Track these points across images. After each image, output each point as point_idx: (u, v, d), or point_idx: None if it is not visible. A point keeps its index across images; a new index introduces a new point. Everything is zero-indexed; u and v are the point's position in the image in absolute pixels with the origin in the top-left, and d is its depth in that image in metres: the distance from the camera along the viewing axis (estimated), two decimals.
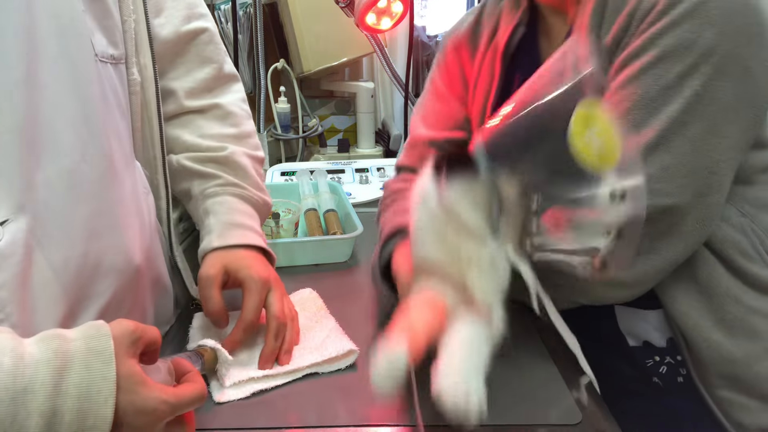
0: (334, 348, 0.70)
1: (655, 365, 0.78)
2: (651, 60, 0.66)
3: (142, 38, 0.73)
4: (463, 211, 0.60)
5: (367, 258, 1.05)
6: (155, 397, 0.47)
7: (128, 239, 0.66)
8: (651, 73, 0.66)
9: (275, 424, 0.61)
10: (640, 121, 0.67)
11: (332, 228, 1.08)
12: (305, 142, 1.94)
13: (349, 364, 0.70)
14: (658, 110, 0.66)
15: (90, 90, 0.62)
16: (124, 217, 0.66)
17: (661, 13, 0.66)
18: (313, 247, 1.03)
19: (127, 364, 0.46)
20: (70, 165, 0.59)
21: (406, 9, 1.64)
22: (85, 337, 0.45)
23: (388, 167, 1.55)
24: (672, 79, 0.65)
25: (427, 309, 0.61)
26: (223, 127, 0.85)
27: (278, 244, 1.01)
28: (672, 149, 0.65)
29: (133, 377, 0.46)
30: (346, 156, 1.82)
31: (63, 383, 0.42)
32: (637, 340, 0.79)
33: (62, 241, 0.57)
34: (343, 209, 1.16)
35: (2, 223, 0.52)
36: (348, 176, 1.53)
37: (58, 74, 0.58)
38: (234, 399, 0.63)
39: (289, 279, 0.97)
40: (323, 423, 0.61)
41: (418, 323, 0.59)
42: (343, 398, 0.65)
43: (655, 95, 0.66)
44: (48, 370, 0.42)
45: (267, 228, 1.05)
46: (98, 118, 0.63)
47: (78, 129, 0.60)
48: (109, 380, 0.44)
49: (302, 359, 0.69)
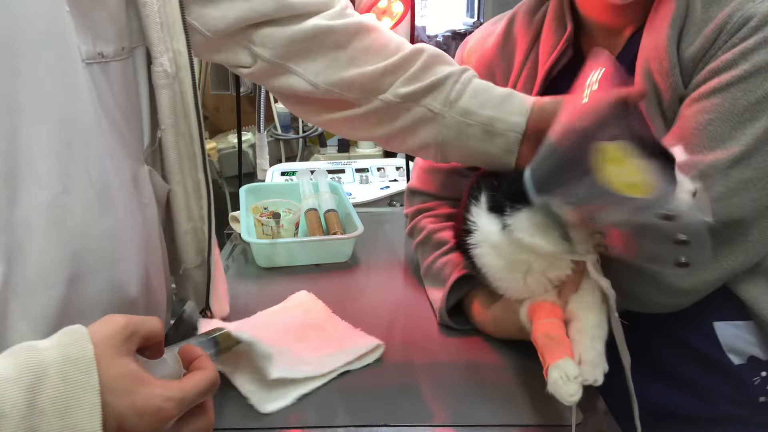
0: (361, 345, 0.72)
1: (762, 382, 0.76)
2: (741, 74, 0.66)
3: (173, 21, 0.63)
4: (537, 242, 0.63)
5: (368, 258, 1.06)
6: (158, 395, 0.43)
7: (122, 273, 0.58)
8: (740, 87, 0.67)
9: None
10: (723, 134, 0.67)
11: (333, 228, 1.08)
12: (305, 142, 1.94)
13: (376, 359, 0.72)
14: (744, 125, 0.66)
15: (76, 105, 0.53)
16: (116, 250, 0.58)
17: (754, 29, 0.66)
18: (314, 247, 1.03)
19: (119, 365, 0.42)
20: (49, 198, 0.50)
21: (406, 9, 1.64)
22: (60, 345, 0.41)
23: (388, 167, 1.55)
24: (761, 95, 0.66)
25: (548, 315, 0.65)
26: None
27: (278, 244, 1.01)
28: (752, 164, 0.66)
29: (130, 377, 0.42)
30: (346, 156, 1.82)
31: (38, 400, 0.38)
32: (742, 356, 0.76)
33: (40, 289, 0.50)
34: (344, 209, 1.16)
35: None
36: (348, 176, 1.53)
37: (38, 92, 0.50)
38: (281, 407, 0.63)
39: (289, 279, 0.97)
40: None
41: (555, 329, 0.63)
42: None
43: (742, 110, 0.66)
44: (18, 388, 0.38)
45: (267, 228, 1.05)
46: (84, 138, 0.54)
47: (60, 155, 0.51)
48: (91, 390, 0.40)
49: (334, 359, 0.69)
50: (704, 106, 0.68)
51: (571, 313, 0.65)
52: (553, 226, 0.62)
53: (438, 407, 0.65)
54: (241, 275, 0.99)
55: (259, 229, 1.06)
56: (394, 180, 1.51)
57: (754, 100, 0.66)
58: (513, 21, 0.91)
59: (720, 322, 0.76)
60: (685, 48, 0.71)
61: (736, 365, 0.76)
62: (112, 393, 0.41)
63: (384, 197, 1.44)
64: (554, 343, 0.61)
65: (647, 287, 0.71)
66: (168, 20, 0.62)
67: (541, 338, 0.63)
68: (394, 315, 0.84)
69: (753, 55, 0.66)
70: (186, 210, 0.70)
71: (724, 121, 0.67)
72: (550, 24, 0.85)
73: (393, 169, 1.55)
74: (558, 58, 0.83)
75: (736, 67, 0.67)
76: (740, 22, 0.67)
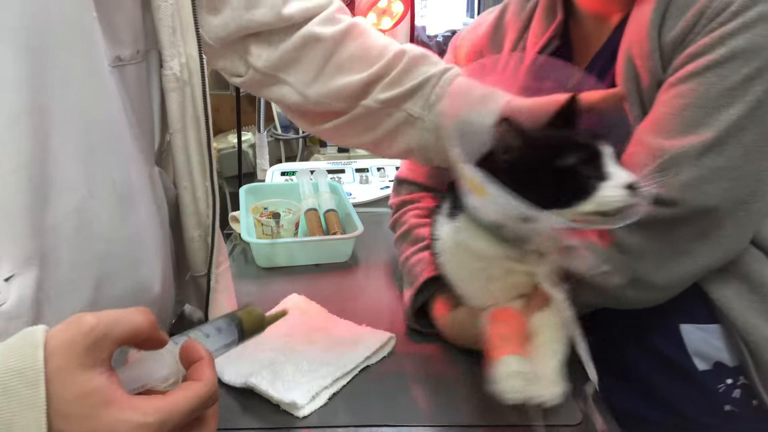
0: (374, 339, 0.73)
1: (727, 390, 0.74)
2: (718, 59, 0.65)
3: (186, 25, 0.63)
4: (481, 246, 0.62)
5: (368, 258, 1.06)
6: (126, 420, 0.35)
7: (145, 273, 0.59)
8: (716, 71, 0.65)
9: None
10: (696, 119, 0.66)
11: (332, 228, 1.08)
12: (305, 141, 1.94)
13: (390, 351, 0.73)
14: (719, 111, 0.65)
15: (100, 109, 0.54)
16: (140, 251, 0.59)
17: (734, 14, 0.65)
18: (314, 247, 1.03)
19: (78, 382, 0.35)
20: (76, 203, 0.51)
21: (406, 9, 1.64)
22: (6, 351, 0.34)
23: (388, 167, 1.55)
24: (737, 81, 0.65)
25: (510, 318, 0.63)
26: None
27: (278, 244, 1.01)
28: (725, 152, 0.65)
29: (92, 397, 0.35)
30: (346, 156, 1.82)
31: None
32: (708, 362, 0.74)
33: (69, 291, 0.50)
34: (344, 209, 1.16)
35: (8, 278, 0.46)
36: (348, 176, 1.53)
37: (66, 97, 0.50)
38: (315, 409, 0.63)
39: (288, 279, 0.97)
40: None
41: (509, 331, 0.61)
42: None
43: (717, 95, 0.65)
44: None
45: (267, 228, 1.05)
46: (107, 142, 0.55)
47: (85, 160, 0.52)
48: (35, 409, 0.33)
49: (353, 357, 0.70)
50: (680, 90, 0.67)
51: (532, 327, 0.63)
52: (489, 229, 0.61)
53: (438, 407, 0.65)
54: (241, 275, 0.99)
55: (259, 229, 1.06)
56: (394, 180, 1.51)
57: (729, 85, 0.65)
58: (505, 9, 0.91)
59: (687, 325, 0.74)
60: (666, 32, 0.70)
61: (701, 371, 0.74)
62: (65, 417, 0.34)
63: (384, 197, 1.43)
64: (504, 341, 0.60)
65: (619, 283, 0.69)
66: (181, 25, 0.62)
67: (492, 336, 0.61)
68: (394, 315, 0.84)
69: (730, 40, 0.65)
70: (195, 216, 0.70)
71: (698, 106, 0.66)
72: (540, 12, 0.85)
73: (393, 169, 1.55)
74: (545, 46, 0.83)
75: (713, 51, 0.66)
76: (720, 7, 0.66)
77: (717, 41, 0.66)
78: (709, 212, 0.66)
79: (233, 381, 0.65)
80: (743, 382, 0.73)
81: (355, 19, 0.76)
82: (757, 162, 0.67)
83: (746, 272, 0.72)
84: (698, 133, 0.66)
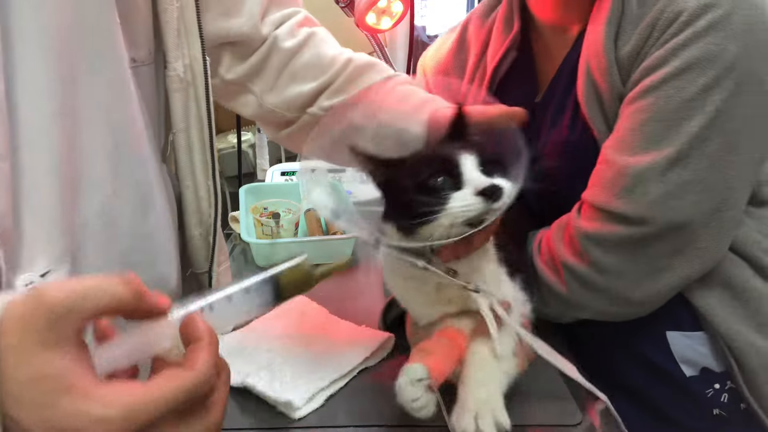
0: (373, 340, 0.72)
1: (715, 394, 0.74)
2: (673, 71, 0.64)
3: (190, 28, 0.64)
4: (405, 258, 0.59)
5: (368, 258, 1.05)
6: (84, 413, 0.30)
7: (164, 266, 0.62)
8: (672, 84, 0.64)
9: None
10: (658, 134, 0.65)
11: (332, 228, 1.08)
12: None
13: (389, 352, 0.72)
14: (679, 124, 0.64)
15: (122, 109, 0.56)
16: (159, 245, 0.62)
17: (684, 24, 0.64)
18: (313, 247, 1.03)
19: (36, 362, 0.30)
20: (103, 201, 0.54)
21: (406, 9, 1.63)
22: None
23: None
24: (694, 92, 0.64)
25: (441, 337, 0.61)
26: None
27: (278, 244, 1.01)
28: (689, 165, 0.64)
29: (50, 381, 0.30)
30: None
31: None
32: (695, 368, 0.74)
33: None
34: None
35: (44, 274, 0.47)
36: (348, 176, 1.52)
37: (93, 97, 0.52)
38: (312, 410, 0.63)
39: None
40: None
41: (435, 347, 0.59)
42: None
43: (675, 108, 0.64)
44: None
45: (267, 228, 1.05)
46: (128, 141, 0.57)
47: (110, 158, 0.54)
48: None
49: (352, 358, 0.69)
50: (640, 105, 0.67)
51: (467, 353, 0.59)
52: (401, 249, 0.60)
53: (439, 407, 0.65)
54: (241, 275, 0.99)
55: (259, 229, 1.06)
56: None
57: (687, 97, 0.64)
58: (467, 26, 0.91)
59: (673, 332, 0.74)
60: (621, 46, 0.69)
61: (689, 377, 0.74)
62: (17, 402, 0.30)
63: None
64: (417, 353, 0.57)
65: (600, 300, 0.70)
66: (186, 27, 0.64)
67: (414, 350, 0.59)
68: None
69: (684, 51, 0.64)
70: (197, 214, 0.71)
71: (658, 120, 0.65)
72: (498, 25, 0.85)
73: None
74: (502, 59, 0.82)
75: (668, 64, 0.65)
76: (671, 18, 0.65)
77: (671, 53, 0.65)
78: (682, 227, 0.65)
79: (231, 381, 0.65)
80: (731, 386, 0.73)
81: (315, 29, 0.78)
82: (723, 171, 0.65)
83: (727, 278, 0.71)
84: (660, 148, 0.65)
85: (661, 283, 0.68)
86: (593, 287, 0.69)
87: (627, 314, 0.73)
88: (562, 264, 0.71)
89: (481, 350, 0.58)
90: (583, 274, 0.69)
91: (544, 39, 0.83)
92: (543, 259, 0.74)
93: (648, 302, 0.70)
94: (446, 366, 0.57)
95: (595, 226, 0.68)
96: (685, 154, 0.64)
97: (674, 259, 0.67)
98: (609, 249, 0.67)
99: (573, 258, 0.70)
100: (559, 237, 0.73)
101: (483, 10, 0.90)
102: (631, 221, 0.66)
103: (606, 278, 0.69)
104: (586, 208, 0.70)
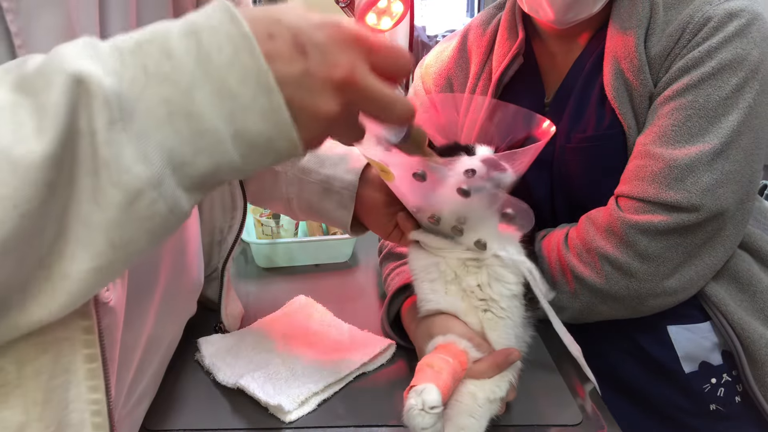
0: (373, 346, 0.72)
1: (712, 389, 0.77)
2: (710, 71, 0.70)
3: None
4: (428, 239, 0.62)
5: (368, 258, 1.06)
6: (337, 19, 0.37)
7: (188, 259, 0.65)
8: (710, 83, 0.70)
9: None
10: (701, 128, 0.70)
11: (332, 228, 1.08)
12: None
13: (389, 358, 0.72)
14: (719, 120, 0.70)
15: None
16: (190, 255, 0.65)
17: (714, 29, 0.71)
18: (314, 247, 1.03)
19: None
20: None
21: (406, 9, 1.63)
22: None
23: None
24: (729, 90, 0.70)
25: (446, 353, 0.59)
26: None
27: (278, 244, 1.01)
28: (730, 157, 0.70)
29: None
30: None
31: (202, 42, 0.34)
32: (695, 363, 0.78)
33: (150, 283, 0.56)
34: None
35: None
36: None
37: None
38: (304, 414, 0.62)
39: (288, 279, 0.97)
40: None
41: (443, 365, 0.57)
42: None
43: (715, 105, 0.70)
44: (180, 36, 0.34)
45: (267, 228, 1.05)
46: None
47: None
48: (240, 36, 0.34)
49: (350, 362, 0.69)
50: (680, 103, 0.72)
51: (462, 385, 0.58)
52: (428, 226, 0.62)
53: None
54: (240, 275, 0.99)
55: (259, 230, 1.06)
56: None
57: (724, 95, 0.70)
58: (467, 34, 0.94)
59: (674, 326, 0.77)
60: (651, 47, 0.75)
61: (687, 373, 0.77)
62: (281, 11, 0.36)
63: None
64: (428, 370, 0.55)
65: (637, 289, 0.73)
66: None
67: (421, 364, 0.57)
68: None
69: (717, 53, 0.70)
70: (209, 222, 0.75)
71: (700, 116, 0.71)
72: (503, 33, 0.88)
73: None
74: (509, 65, 0.86)
75: (704, 64, 0.71)
76: (701, 22, 0.72)
77: (705, 55, 0.71)
78: (720, 215, 0.70)
79: (226, 381, 0.66)
80: (726, 379, 0.76)
81: None
82: (752, 164, 0.71)
83: (734, 272, 0.76)
84: (705, 141, 0.70)
85: (693, 270, 0.72)
86: (634, 275, 0.72)
87: (664, 304, 0.75)
88: (601, 256, 0.74)
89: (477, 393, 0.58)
90: (624, 263, 0.72)
91: (548, 45, 0.86)
92: (574, 253, 0.76)
93: (682, 289, 0.73)
94: (452, 388, 0.56)
95: (645, 218, 0.71)
96: (727, 146, 0.70)
97: (704, 246, 0.72)
98: (655, 237, 0.71)
99: (614, 249, 0.73)
100: (593, 231, 0.75)
101: (482, 20, 0.93)
102: (682, 209, 0.70)
103: (647, 266, 0.72)
104: (627, 201, 0.73)
